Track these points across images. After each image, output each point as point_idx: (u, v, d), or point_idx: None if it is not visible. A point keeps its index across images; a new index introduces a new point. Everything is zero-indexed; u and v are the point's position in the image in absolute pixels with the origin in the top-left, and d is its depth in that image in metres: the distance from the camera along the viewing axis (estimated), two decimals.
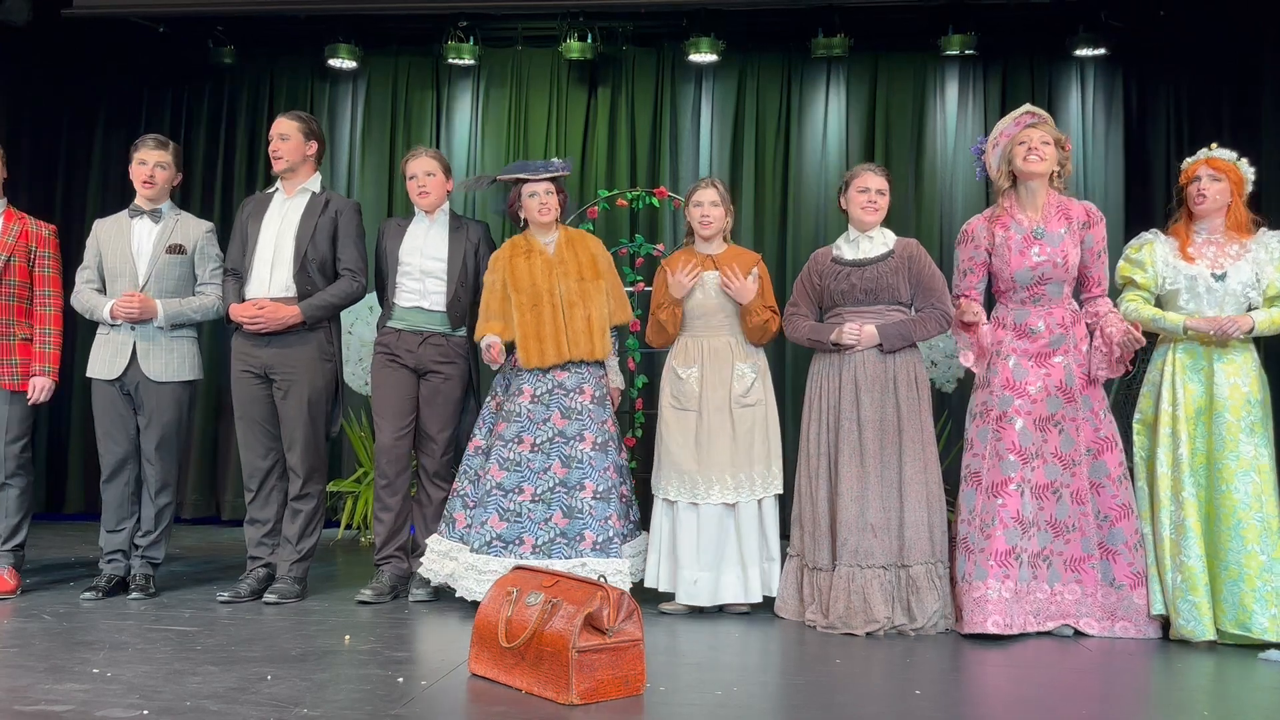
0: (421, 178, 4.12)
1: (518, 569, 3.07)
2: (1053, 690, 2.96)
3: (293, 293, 3.96)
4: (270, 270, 3.97)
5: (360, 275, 4.07)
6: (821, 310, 3.93)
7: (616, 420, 4.03)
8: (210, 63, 6.43)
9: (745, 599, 3.85)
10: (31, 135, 6.15)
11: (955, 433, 5.58)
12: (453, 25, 6.19)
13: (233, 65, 6.46)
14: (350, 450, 6.04)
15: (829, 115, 6.34)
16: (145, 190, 4.07)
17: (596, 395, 3.93)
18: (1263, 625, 3.46)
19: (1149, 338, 3.91)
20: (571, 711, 2.61)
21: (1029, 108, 3.86)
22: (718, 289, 3.93)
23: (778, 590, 3.87)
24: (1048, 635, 3.58)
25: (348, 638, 3.35)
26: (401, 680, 2.84)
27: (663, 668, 3.04)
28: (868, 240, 3.84)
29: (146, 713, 2.50)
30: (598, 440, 3.86)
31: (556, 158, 4.10)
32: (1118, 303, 3.86)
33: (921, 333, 3.77)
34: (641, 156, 6.41)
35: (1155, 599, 3.61)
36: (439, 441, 4.10)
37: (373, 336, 4.24)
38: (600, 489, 3.81)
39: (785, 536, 4.02)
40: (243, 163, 6.59)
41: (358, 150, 6.56)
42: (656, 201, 5.75)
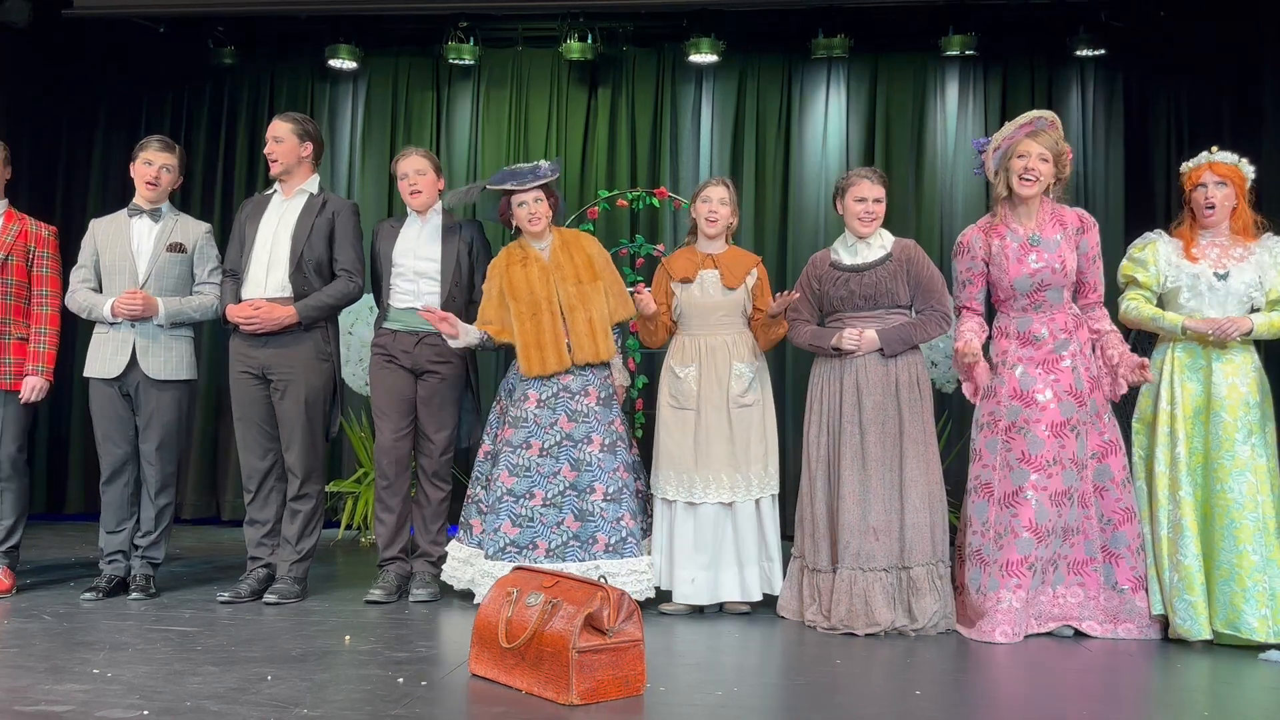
0: (413, 176, 4.12)
1: (518, 569, 3.07)
2: (1053, 690, 2.96)
3: (289, 293, 3.96)
4: (266, 271, 3.97)
5: (357, 276, 4.07)
6: (822, 314, 3.93)
7: (625, 419, 4.03)
8: (210, 63, 6.43)
9: (742, 597, 3.85)
10: (31, 135, 6.14)
11: (955, 433, 5.59)
12: (453, 26, 6.20)
13: (233, 65, 6.46)
14: (350, 450, 6.04)
15: (829, 116, 6.34)
16: (147, 190, 4.07)
17: (602, 396, 3.93)
18: (1251, 625, 3.45)
19: (1149, 337, 3.92)
20: (572, 712, 2.61)
21: (1036, 114, 3.79)
22: (717, 288, 3.93)
23: (780, 591, 3.87)
24: (1048, 635, 3.58)
25: (348, 638, 3.35)
26: (401, 680, 2.84)
27: (663, 668, 3.04)
28: (865, 245, 3.83)
29: (146, 713, 2.50)
30: (605, 442, 3.86)
31: (545, 160, 4.07)
32: (1119, 301, 3.87)
33: (922, 335, 3.77)
34: (642, 157, 6.41)
35: (1155, 599, 3.61)
36: (437, 442, 4.10)
37: (372, 337, 4.24)
38: (610, 490, 3.81)
39: (788, 537, 4.02)
40: (243, 164, 6.58)
41: (358, 151, 6.55)
42: (657, 202, 5.76)
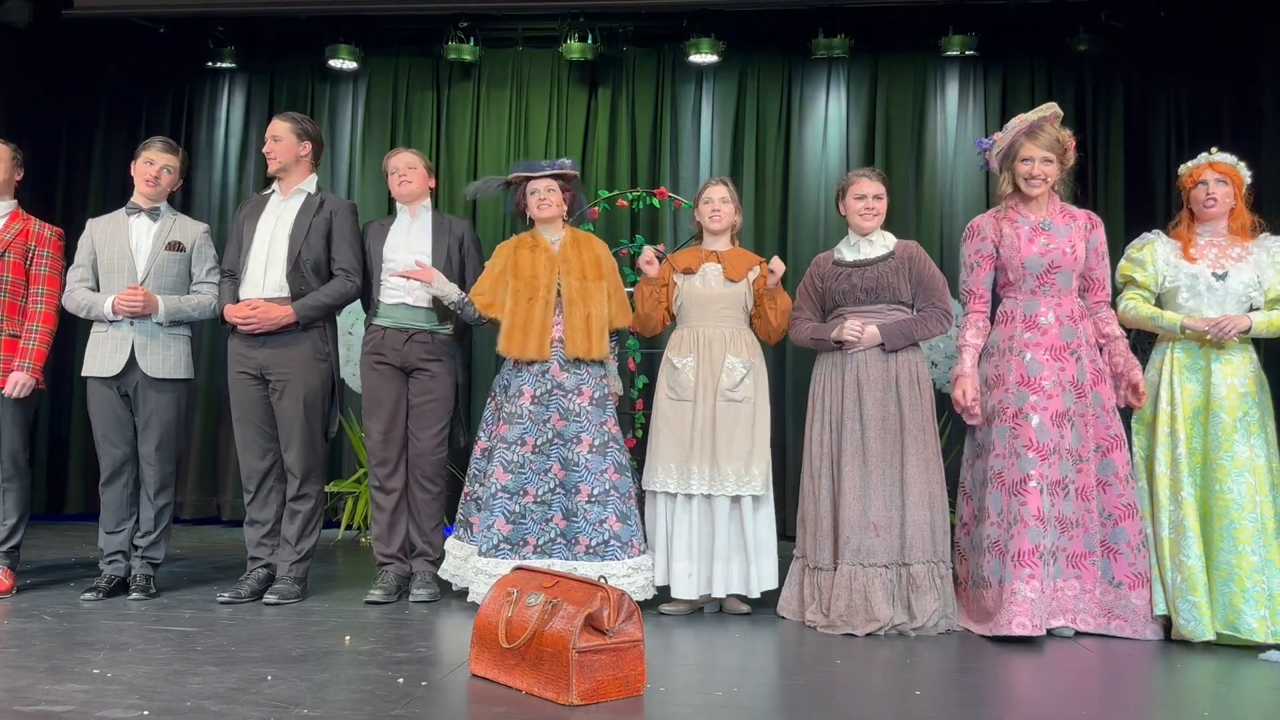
0: (403, 170, 4.14)
1: (518, 569, 3.07)
2: (1053, 690, 2.96)
3: (286, 293, 3.95)
4: (264, 271, 3.97)
5: (355, 275, 4.07)
6: (824, 313, 3.94)
7: (618, 421, 4.02)
8: (210, 63, 6.43)
9: (711, 591, 3.81)
10: (31, 135, 6.12)
11: (956, 433, 5.58)
12: (453, 26, 6.20)
13: (233, 65, 6.46)
14: (350, 450, 6.04)
15: (829, 116, 6.34)
16: (147, 189, 4.07)
17: (595, 396, 3.93)
18: (1250, 626, 3.45)
19: (1148, 337, 3.92)
20: (572, 712, 2.61)
21: (1036, 114, 3.77)
22: (719, 280, 3.94)
23: (782, 591, 3.87)
24: (1049, 635, 3.57)
25: (348, 638, 3.34)
26: (402, 681, 2.84)
27: (663, 668, 3.04)
28: (868, 243, 3.86)
29: (147, 713, 2.50)
30: (595, 442, 3.86)
31: (568, 158, 4.14)
32: (1117, 301, 3.87)
33: (923, 332, 3.78)
34: (642, 157, 6.41)
35: (1158, 599, 3.61)
36: (429, 441, 4.08)
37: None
38: (596, 492, 3.80)
39: (789, 537, 4.01)
40: (242, 164, 6.59)
41: (358, 151, 6.56)
42: (657, 202, 5.75)
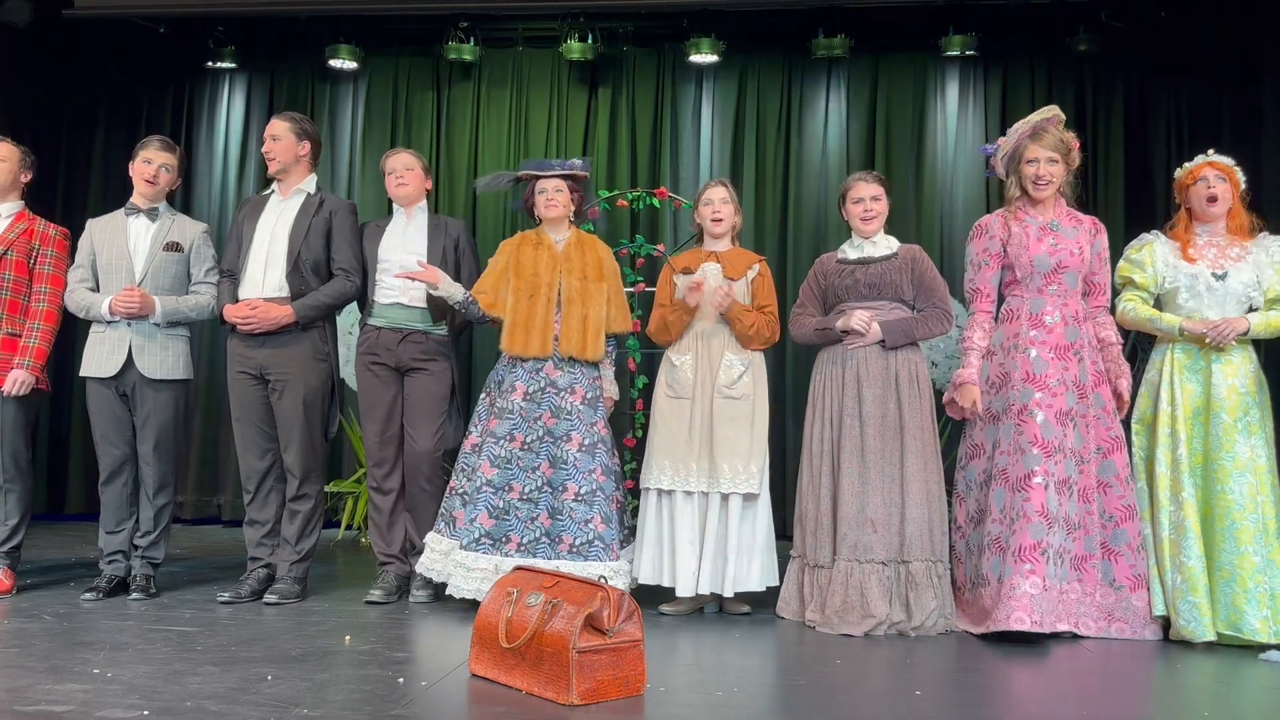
0: (400, 170, 4.14)
1: (518, 569, 3.07)
2: (1053, 690, 2.96)
3: (286, 293, 3.95)
4: (264, 271, 3.97)
5: (354, 275, 4.06)
6: (826, 310, 3.95)
7: (609, 423, 4.02)
8: (210, 63, 6.43)
9: (709, 589, 3.79)
10: (31, 135, 6.10)
11: (956, 433, 5.57)
12: (453, 26, 6.20)
13: (233, 65, 6.46)
14: (350, 450, 6.04)
15: (829, 116, 6.35)
16: (146, 188, 4.07)
17: (588, 396, 3.93)
18: (1253, 626, 3.45)
19: (1148, 338, 3.92)
20: (572, 712, 2.61)
21: (1039, 116, 3.78)
22: (718, 278, 3.95)
23: (781, 591, 3.86)
24: (1049, 636, 3.56)
25: (348, 638, 3.34)
26: (402, 681, 2.84)
27: (663, 668, 3.04)
28: (871, 244, 3.89)
29: (147, 713, 2.50)
30: (585, 442, 3.85)
31: (579, 159, 4.16)
32: (1116, 302, 3.87)
33: (924, 331, 3.78)
34: (642, 157, 6.41)
35: (1157, 600, 3.61)
36: (425, 440, 4.07)
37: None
38: (582, 491, 3.80)
39: (787, 537, 4.01)
40: (242, 164, 6.59)
41: (358, 151, 6.56)
42: (657, 202, 5.75)
